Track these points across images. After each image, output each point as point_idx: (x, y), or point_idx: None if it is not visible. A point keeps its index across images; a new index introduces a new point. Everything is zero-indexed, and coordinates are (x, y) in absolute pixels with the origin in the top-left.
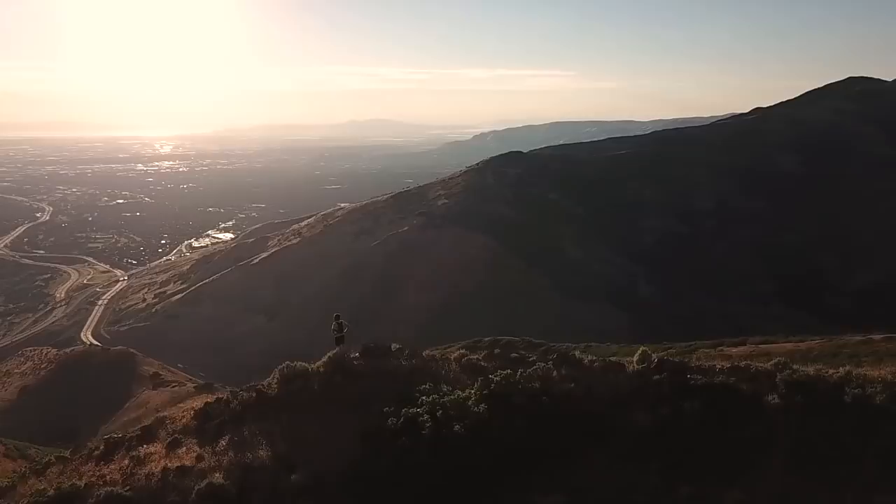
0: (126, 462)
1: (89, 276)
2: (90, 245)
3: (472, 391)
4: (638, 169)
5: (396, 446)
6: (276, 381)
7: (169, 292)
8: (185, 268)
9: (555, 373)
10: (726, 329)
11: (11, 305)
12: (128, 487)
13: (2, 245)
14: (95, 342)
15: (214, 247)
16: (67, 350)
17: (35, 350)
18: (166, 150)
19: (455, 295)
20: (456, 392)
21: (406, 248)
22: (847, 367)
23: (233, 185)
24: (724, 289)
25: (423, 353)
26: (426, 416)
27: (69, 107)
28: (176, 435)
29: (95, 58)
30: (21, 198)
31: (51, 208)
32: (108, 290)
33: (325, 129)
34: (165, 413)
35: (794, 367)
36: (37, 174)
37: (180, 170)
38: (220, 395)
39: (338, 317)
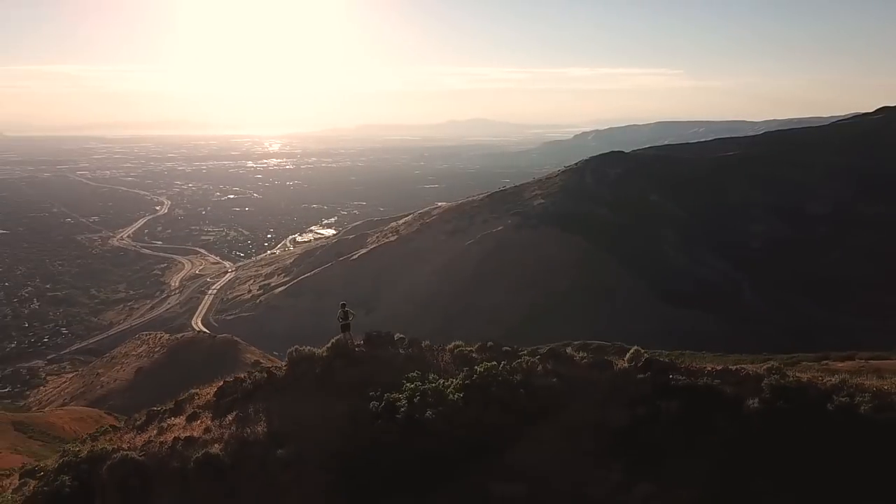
0: (154, 431)
1: (201, 267)
2: (203, 237)
3: (455, 380)
4: (746, 171)
5: (373, 428)
6: (285, 363)
7: (272, 284)
8: (289, 261)
9: (540, 367)
10: (837, 342)
11: (132, 292)
12: (142, 453)
13: (125, 236)
14: (204, 329)
15: (316, 242)
16: (178, 336)
17: (150, 335)
18: (275, 148)
19: (548, 296)
20: (439, 380)
21: (500, 248)
22: (843, 376)
23: (336, 183)
24: (836, 299)
25: (422, 344)
26: (404, 402)
27: (188, 107)
28: (197, 409)
29: (214, 61)
30: (143, 192)
31: (169, 202)
32: (218, 281)
33: (425, 129)
34: (196, 390)
35: (789, 372)
36: (157, 170)
37: (287, 167)
38: (239, 376)
39: (343, 305)
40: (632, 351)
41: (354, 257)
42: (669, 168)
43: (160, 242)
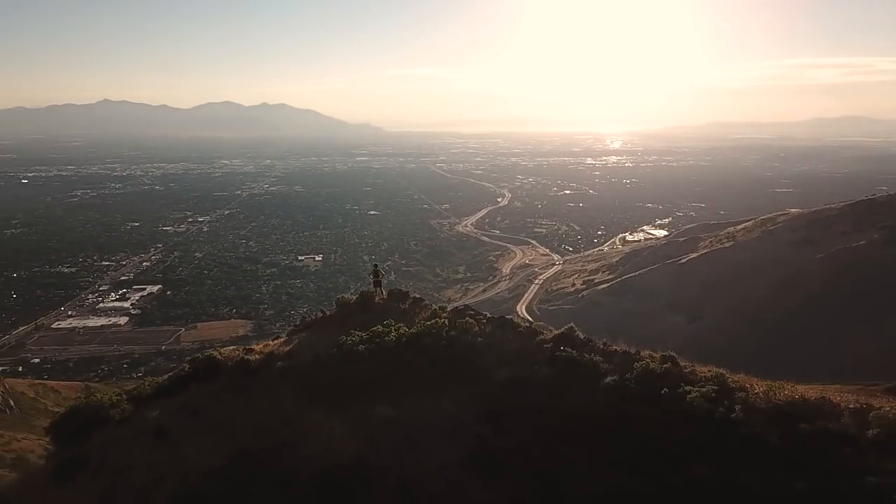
0: (249, 346)
1: (531, 257)
2: (535, 230)
3: (409, 329)
4: None
5: (329, 354)
6: (334, 306)
7: (596, 281)
8: (614, 259)
9: (476, 328)
10: None
11: (469, 274)
12: (224, 356)
13: (469, 223)
14: (527, 316)
15: (646, 242)
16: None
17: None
18: (615, 145)
19: None
20: (391, 326)
21: (859, 265)
22: (718, 370)
23: (674, 183)
24: None
25: (422, 303)
26: (356, 338)
27: (537, 106)
28: (279, 335)
29: (561, 59)
30: (488, 184)
31: (509, 194)
32: (545, 272)
33: (783, 127)
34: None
35: (682, 364)
36: (503, 164)
37: (626, 165)
38: (310, 311)
39: (376, 266)
40: (566, 326)
41: (683, 261)
42: None
43: (498, 231)
